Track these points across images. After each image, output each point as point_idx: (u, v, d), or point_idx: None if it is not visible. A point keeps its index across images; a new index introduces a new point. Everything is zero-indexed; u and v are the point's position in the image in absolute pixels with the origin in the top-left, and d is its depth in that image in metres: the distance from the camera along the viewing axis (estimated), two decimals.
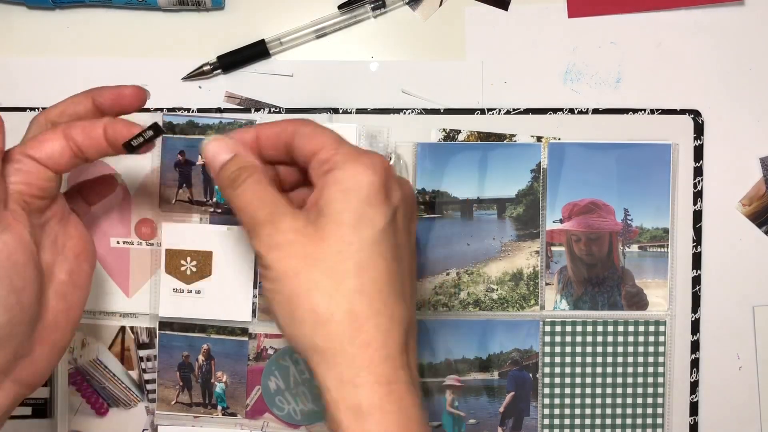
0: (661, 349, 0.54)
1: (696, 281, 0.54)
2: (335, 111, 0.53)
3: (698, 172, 0.53)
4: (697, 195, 0.54)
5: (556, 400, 0.54)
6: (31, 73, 0.53)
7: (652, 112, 0.53)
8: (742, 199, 0.54)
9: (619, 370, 0.54)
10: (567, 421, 0.54)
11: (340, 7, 0.53)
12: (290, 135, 0.37)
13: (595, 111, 0.53)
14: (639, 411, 0.54)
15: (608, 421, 0.54)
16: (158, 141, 0.52)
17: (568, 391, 0.54)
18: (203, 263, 0.52)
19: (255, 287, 0.52)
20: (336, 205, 0.33)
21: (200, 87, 0.53)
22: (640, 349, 0.54)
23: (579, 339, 0.53)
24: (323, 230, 0.33)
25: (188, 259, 0.52)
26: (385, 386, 0.32)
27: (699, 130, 0.53)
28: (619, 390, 0.54)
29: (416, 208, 0.36)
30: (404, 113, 0.53)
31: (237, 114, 0.53)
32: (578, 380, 0.54)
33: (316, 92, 0.53)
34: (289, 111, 0.53)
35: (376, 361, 0.32)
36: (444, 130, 0.53)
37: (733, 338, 0.54)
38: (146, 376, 0.53)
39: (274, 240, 0.34)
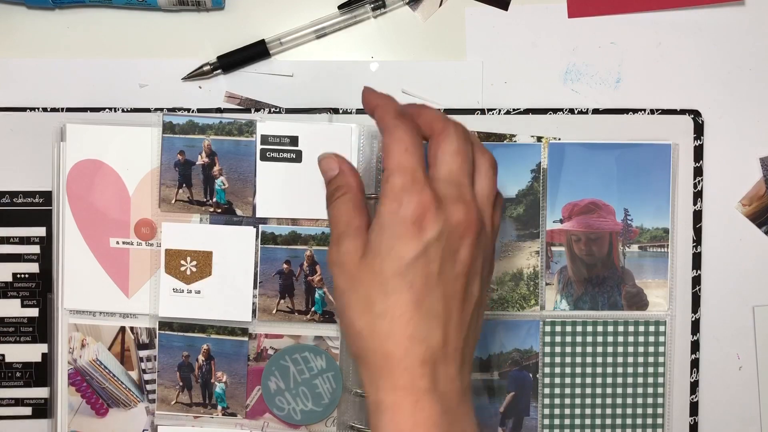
0: (661, 349, 0.54)
1: (696, 281, 0.54)
2: (335, 111, 0.52)
3: (698, 172, 0.53)
4: (697, 195, 0.54)
5: (556, 400, 0.54)
6: (31, 73, 0.53)
7: (652, 112, 0.53)
8: (742, 199, 0.54)
9: (619, 370, 0.54)
10: (567, 421, 0.54)
11: (340, 7, 0.53)
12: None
13: (595, 111, 0.53)
14: (639, 411, 0.54)
15: (608, 421, 0.54)
16: (157, 141, 0.52)
17: (568, 391, 0.54)
18: (203, 263, 0.52)
19: (255, 287, 0.52)
20: (373, 236, 0.38)
21: (200, 87, 0.53)
22: (640, 349, 0.54)
23: (579, 339, 0.53)
24: (365, 257, 0.38)
25: (188, 259, 0.52)
26: (401, 390, 0.36)
27: (699, 130, 0.53)
28: (619, 390, 0.54)
29: (472, 233, 0.38)
30: None
31: (237, 114, 0.52)
32: (578, 380, 0.54)
33: (316, 92, 0.53)
34: (289, 111, 0.53)
35: (395, 371, 0.37)
36: None
37: (733, 338, 0.54)
38: (146, 377, 0.53)
39: (333, 258, 0.39)
